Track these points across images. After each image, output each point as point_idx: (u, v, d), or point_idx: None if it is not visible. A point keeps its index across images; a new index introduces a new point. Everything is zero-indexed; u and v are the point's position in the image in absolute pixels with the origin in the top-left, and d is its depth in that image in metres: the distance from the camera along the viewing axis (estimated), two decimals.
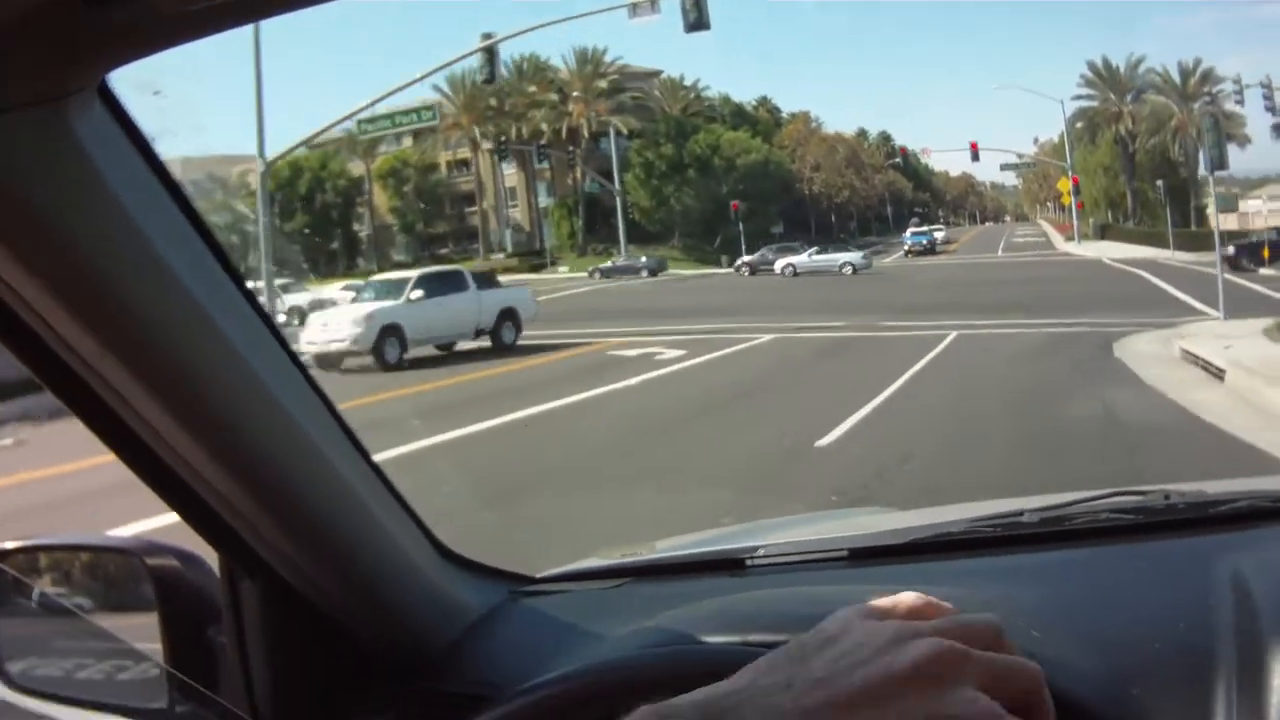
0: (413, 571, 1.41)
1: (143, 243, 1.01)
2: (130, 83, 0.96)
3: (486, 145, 59.14)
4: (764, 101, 72.31)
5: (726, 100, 68.14)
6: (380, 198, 62.05)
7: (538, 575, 1.61)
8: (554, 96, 60.69)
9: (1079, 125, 61.71)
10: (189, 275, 1.06)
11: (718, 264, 52.09)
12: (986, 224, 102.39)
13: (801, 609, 1.23)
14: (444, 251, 59.19)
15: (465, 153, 61.05)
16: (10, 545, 1.62)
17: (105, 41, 0.82)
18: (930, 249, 54.54)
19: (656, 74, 64.32)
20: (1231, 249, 29.55)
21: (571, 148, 58.96)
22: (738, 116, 66.50)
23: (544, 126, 60.00)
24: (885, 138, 78.61)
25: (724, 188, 57.06)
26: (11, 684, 1.58)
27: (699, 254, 56.09)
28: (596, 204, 58.67)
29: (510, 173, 61.96)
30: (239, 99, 47.70)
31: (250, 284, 1.17)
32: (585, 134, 59.69)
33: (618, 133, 58.56)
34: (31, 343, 1.05)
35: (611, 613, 1.47)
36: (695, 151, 57.95)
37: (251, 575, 1.35)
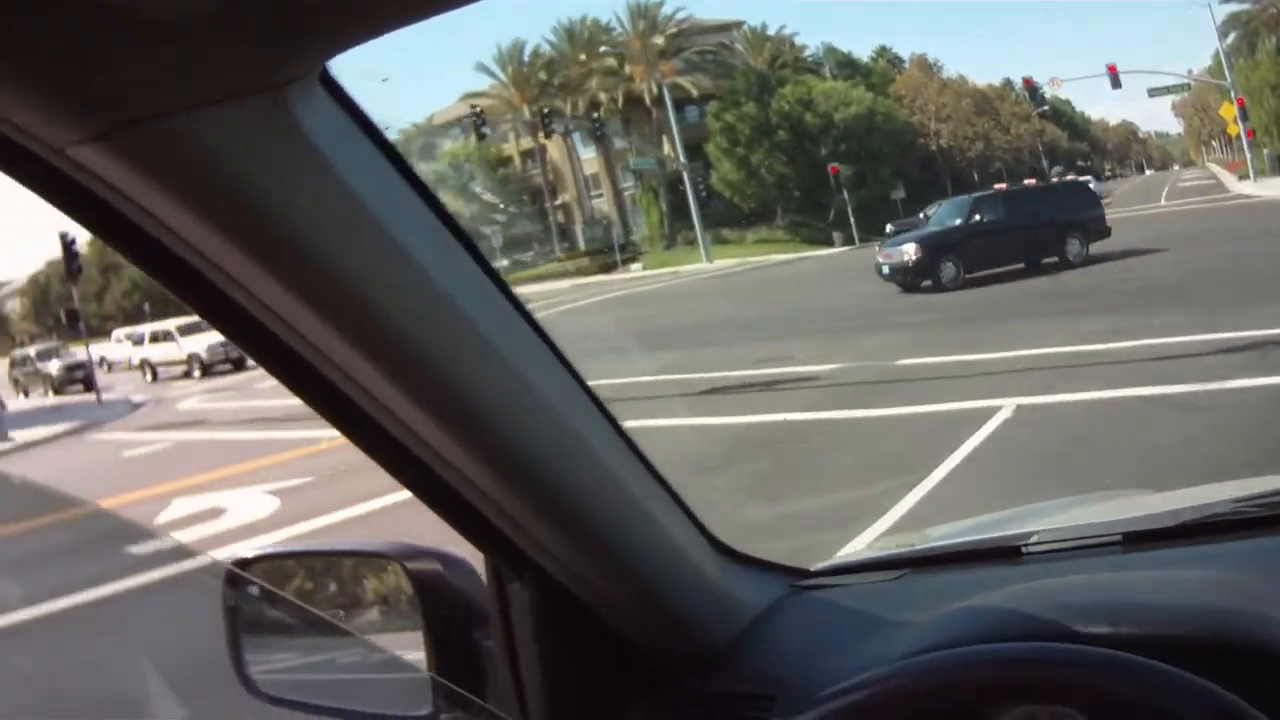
0: (689, 567, 1.41)
1: (382, 232, 1.00)
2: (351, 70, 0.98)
3: (557, 128, 53.99)
4: (883, 51, 61.97)
5: (831, 50, 58.26)
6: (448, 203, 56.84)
7: (813, 569, 1.62)
8: (611, 61, 54.68)
9: (1233, 36, 52.51)
10: (438, 264, 1.06)
11: (830, 243, 45.85)
12: (1148, 172, 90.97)
13: (1084, 599, 1.32)
14: (526, 256, 54.35)
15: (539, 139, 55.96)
16: (267, 551, 1.73)
17: (324, 26, 0.84)
18: None
19: (736, 25, 56.25)
20: None
21: (629, 120, 53.48)
22: (846, 68, 56.63)
23: (602, 96, 54.10)
24: (1032, 88, 67.43)
25: (822, 149, 48.93)
26: (257, 693, 1.57)
27: (808, 233, 48.91)
28: (684, 184, 51.43)
29: (589, 157, 54.11)
30: None
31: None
32: (647, 101, 53.37)
33: (685, 96, 52.35)
34: (275, 347, 1.07)
35: (891, 606, 1.49)
36: (782, 109, 49.73)
37: (520, 576, 1.36)
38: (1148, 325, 12.79)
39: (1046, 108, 68.67)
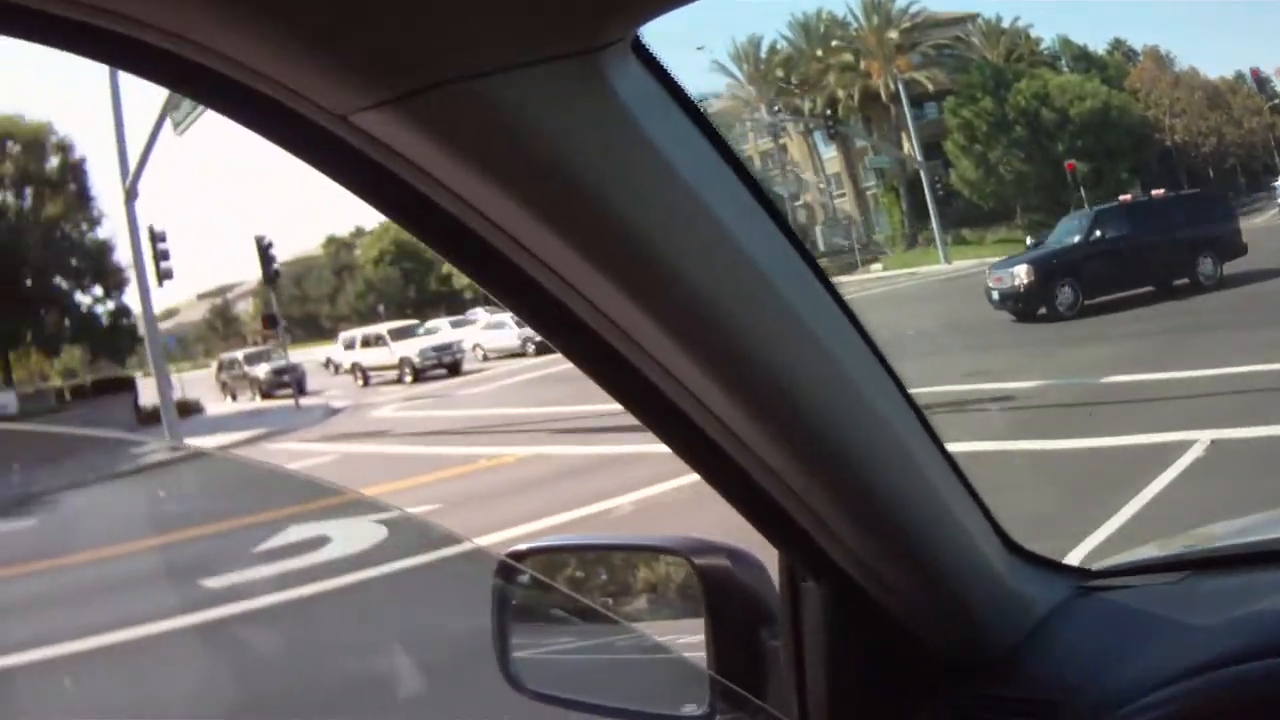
0: (983, 567, 1.37)
1: (697, 206, 0.95)
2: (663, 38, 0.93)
3: (800, 126, 54.84)
4: (1118, 44, 60.63)
5: (1067, 43, 57.41)
6: None
7: (1097, 568, 1.58)
8: (848, 57, 54.70)
9: None
10: (753, 243, 1.00)
11: None
12: None
13: None
14: None
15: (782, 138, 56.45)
16: (544, 543, 1.70)
17: None
18: None
19: (971, 17, 56.20)
20: None
21: (868, 117, 53.48)
22: (1082, 61, 55.95)
23: (840, 93, 54.21)
24: (1260, 79, 65.05)
25: (1059, 145, 48.66)
26: (520, 687, 1.56)
27: (1048, 233, 46.89)
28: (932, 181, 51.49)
29: (830, 156, 56.04)
30: None
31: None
32: (884, 97, 53.48)
33: (922, 92, 52.62)
34: (571, 327, 1.03)
35: (1177, 609, 1.44)
36: (1019, 104, 49.62)
37: (815, 575, 1.33)
38: None
39: (1278, 101, 66.19)
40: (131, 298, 34.16)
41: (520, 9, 0.79)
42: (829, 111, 52.93)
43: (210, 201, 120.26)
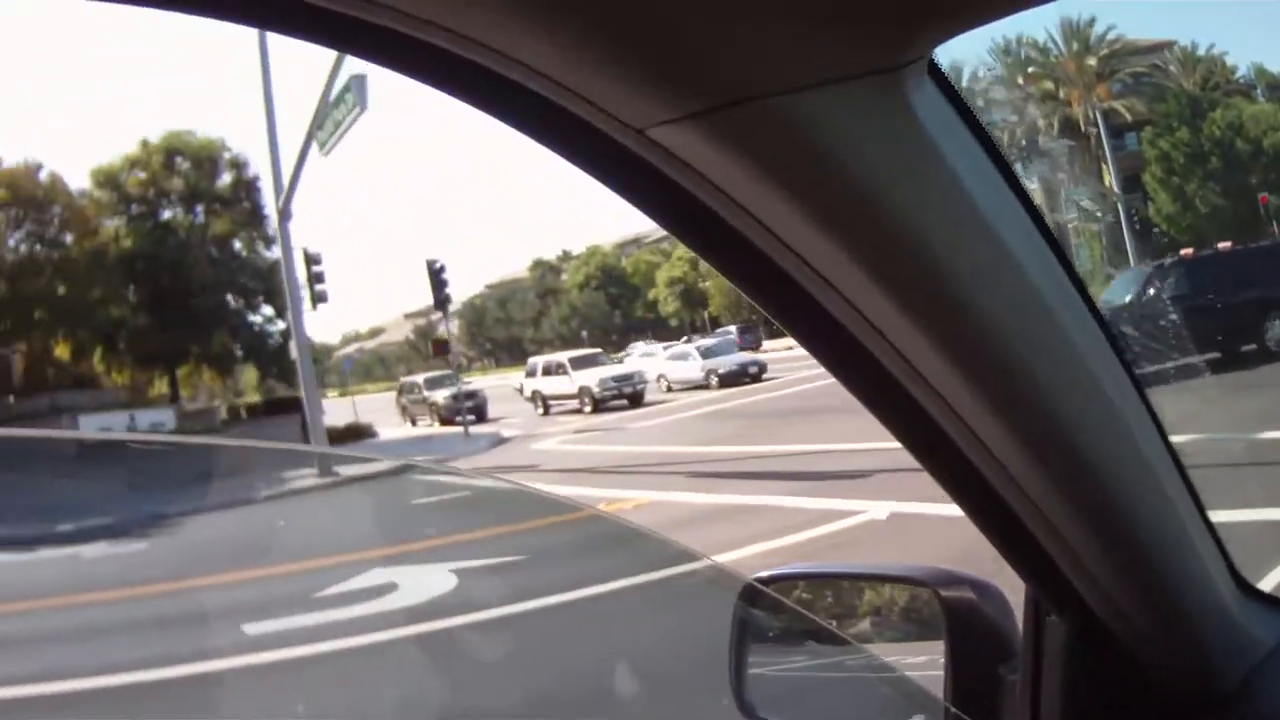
0: (1217, 602, 1.36)
1: (987, 231, 0.96)
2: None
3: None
4: None
5: (1261, 71, 58.12)
6: None
7: None
8: (1049, 85, 55.82)
9: None
10: (1035, 271, 1.02)
11: None
12: None
13: None
14: None
15: None
16: (790, 570, 1.75)
17: (943, 9, 0.82)
18: None
19: (1168, 45, 57.29)
20: None
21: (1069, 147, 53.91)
22: (1277, 90, 56.45)
23: (1040, 122, 55.25)
24: None
25: (1253, 178, 49.11)
26: (750, 714, 1.56)
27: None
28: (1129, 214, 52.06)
29: (1031, 188, 56.19)
30: None
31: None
32: (1082, 126, 54.41)
33: (1120, 122, 53.55)
34: (846, 348, 1.05)
35: None
36: (1214, 134, 50.25)
37: (1060, 610, 1.33)
38: None
39: None
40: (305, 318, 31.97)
41: (825, 27, 0.80)
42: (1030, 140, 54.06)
43: (407, 223, 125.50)
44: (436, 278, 34.04)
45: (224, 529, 11.03)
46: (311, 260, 29.66)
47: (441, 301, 35.36)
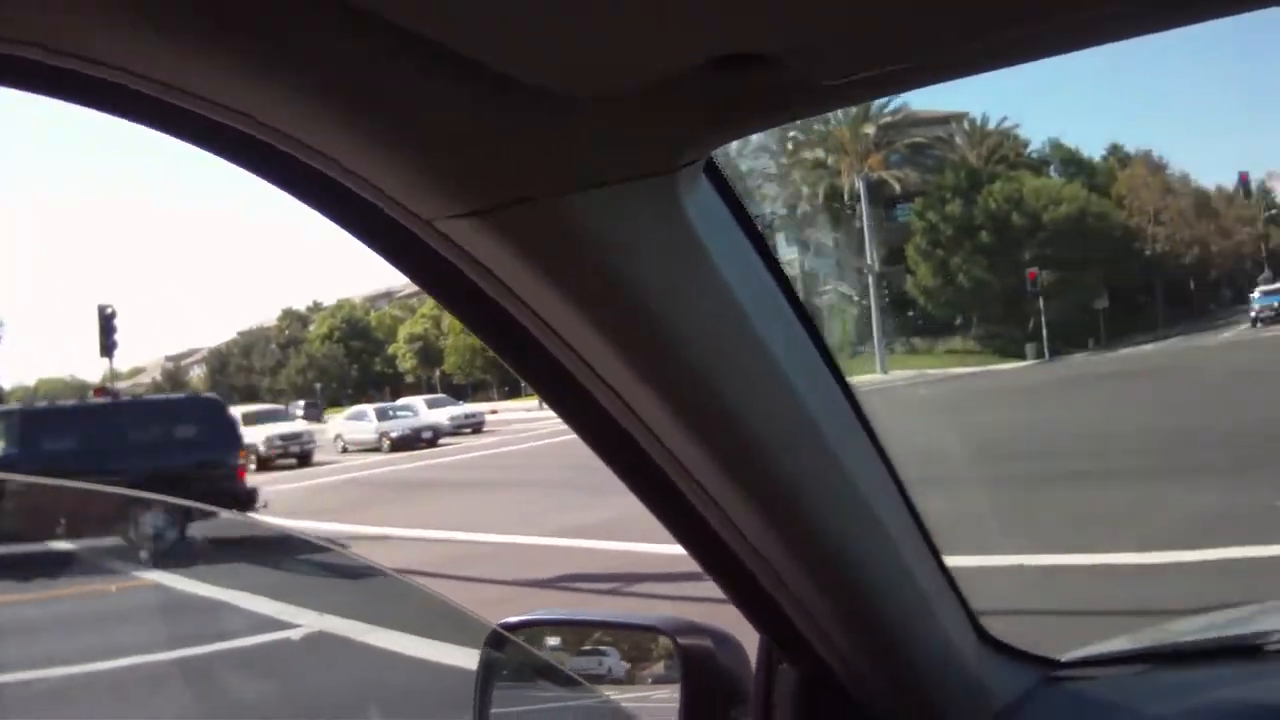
0: (952, 655, 1.41)
1: (740, 319, 1.03)
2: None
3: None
4: (1115, 150, 59.07)
5: (1058, 146, 55.99)
6: None
7: (1063, 659, 1.63)
8: (819, 153, 53.64)
9: None
10: (781, 351, 1.09)
11: (1022, 356, 44.36)
12: None
13: None
14: None
15: None
16: (535, 617, 1.79)
17: (725, 114, 0.85)
18: None
19: (958, 117, 55.59)
20: None
21: (837, 218, 51.43)
22: (1072, 165, 54.46)
23: (804, 189, 52.95)
24: (1246, 183, 63.55)
25: (1026, 252, 47.14)
26: None
27: (1000, 344, 47.23)
28: (887, 289, 49.42)
29: (790, 258, 53.55)
30: None
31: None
32: (846, 197, 51.92)
33: (891, 194, 51.26)
34: (602, 420, 1.10)
35: (1138, 701, 1.54)
36: (989, 207, 48.27)
37: (791, 658, 1.39)
38: None
39: (1275, 211, 64.21)
40: None
41: (611, 133, 0.83)
42: (789, 210, 52.21)
43: (168, 266, 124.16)
44: (106, 323, 32.18)
45: None
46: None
47: (109, 348, 32.96)
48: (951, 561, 1.42)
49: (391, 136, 0.82)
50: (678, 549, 1.30)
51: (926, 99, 59.69)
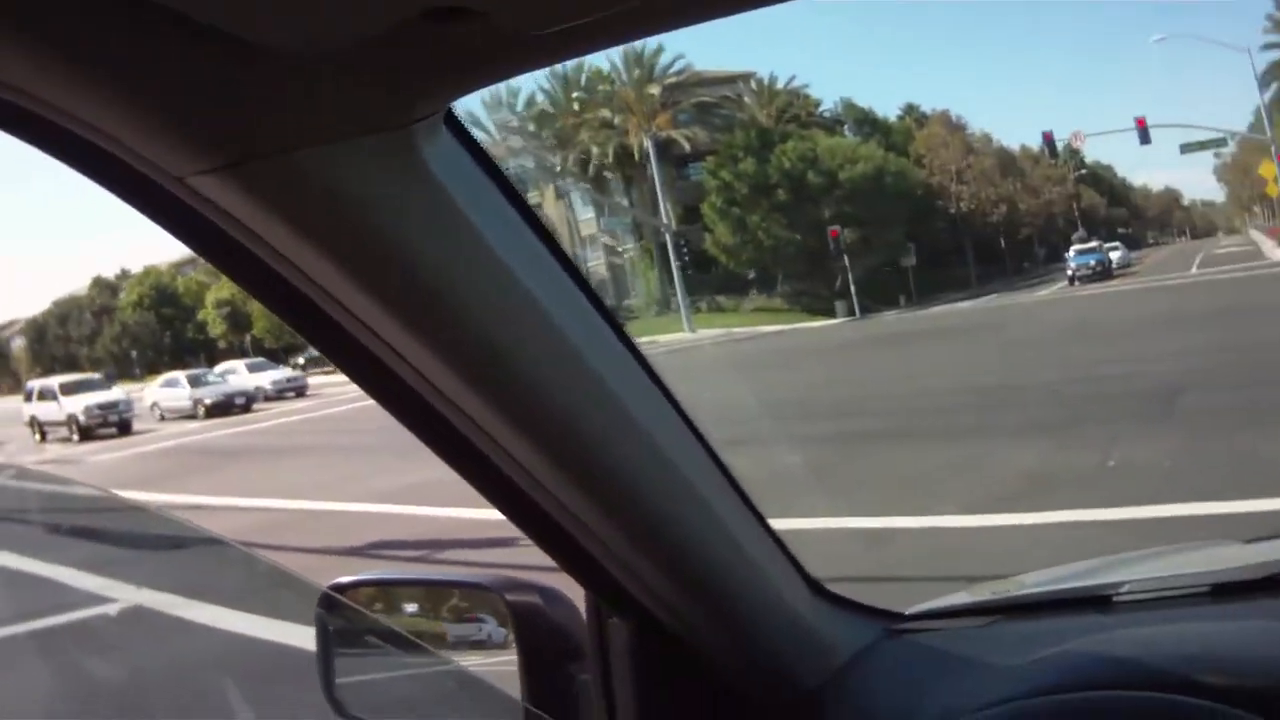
0: (785, 608, 1.44)
1: (498, 268, 1.04)
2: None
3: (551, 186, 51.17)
4: (911, 110, 58.12)
5: (850, 106, 54.53)
6: None
7: (907, 612, 1.65)
8: (605, 112, 51.80)
9: (1275, 88, 49.48)
10: (553, 300, 1.10)
11: (833, 314, 43.32)
12: (1183, 240, 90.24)
13: (1173, 649, 1.38)
14: None
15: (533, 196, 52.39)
16: (364, 578, 1.75)
17: (455, 68, 0.87)
18: (1104, 272, 42.97)
19: (745, 77, 53.32)
20: None
21: (630, 178, 50.51)
22: (866, 125, 52.80)
23: (594, 149, 51.19)
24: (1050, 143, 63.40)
25: (825, 211, 45.60)
26: (344, 714, 1.64)
27: (809, 302, 46.23)
28: (686, 247, 47.62)
29: (587, 218, 50.63)
30: None
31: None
32: (637, 157, 50.53)
33: (682, 152, 49.66)
34: (386, 379, 1.11)
35: (983, 652, 1.54)
36: (783, 165, 46.70)
37: (620, 612, 1.39)
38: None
39: (1084, 171, 64.98)
40: None
41: (339, 85, 0.84)
42: (582, 170, 50.37)
43: None
44: None
45: None
46: None
47: None
48: (777, 524, 1.40)
49: (129, 92, 0.82)
50: (490, 513, 1.28)
51: (714, 59, 58.30)
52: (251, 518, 12.90)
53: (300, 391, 38.77)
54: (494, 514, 1.27)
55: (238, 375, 39.60)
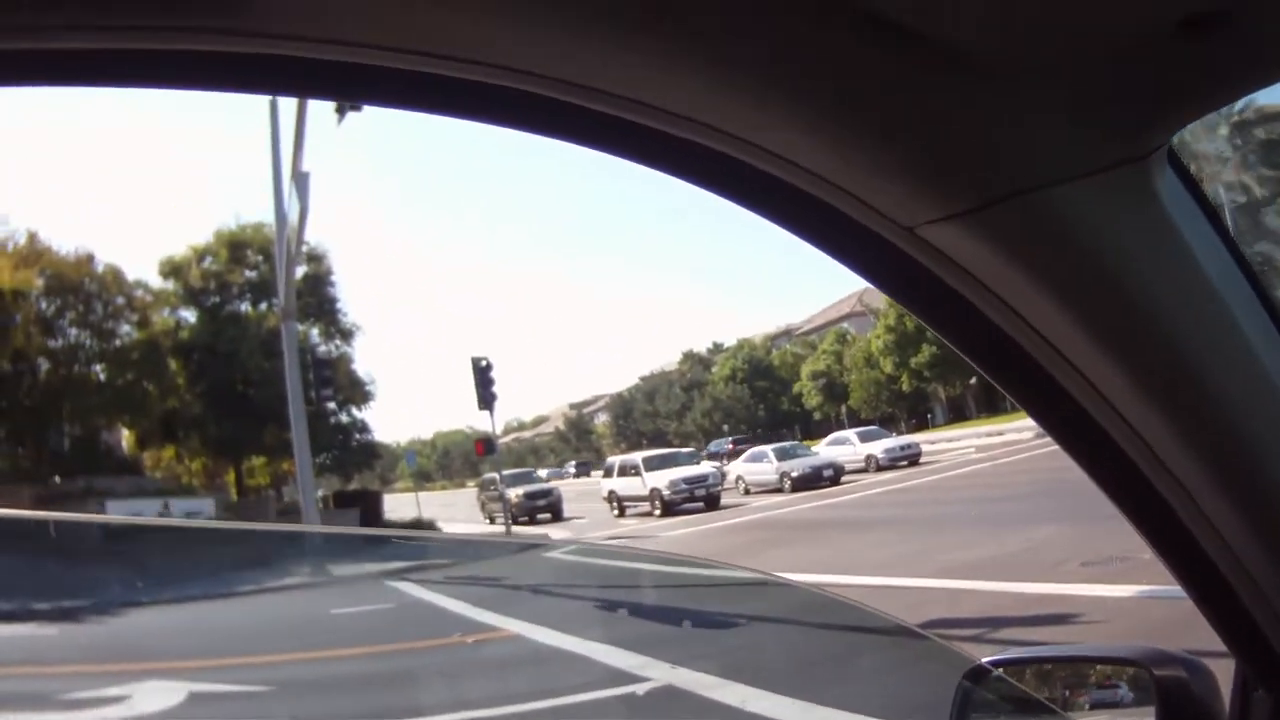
0: None
1: (1210, 301, 1.00)
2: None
3: None
4: None
5: None
6: None
7: None
8: None
9: None
10: (1262, 349, 1.05)
11: None
12: None
13: None
14: None
15: None
16: (1010, 656, 1.81)
17: (1188, 88, 0.86)
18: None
19: None
20: None
21: None
22: None
23: None
24: None
25: None
26: None
27: None
28: None
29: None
30: None
31: None
32: None
33: None
34: (1086, 430, 1.11)
35: None
36: None
37: (1268, 686, 1.34)
38: None
39: None
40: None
41: (1079, 122, 0.84)
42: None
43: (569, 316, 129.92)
44: (483, 376, 32.74)
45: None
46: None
47: (488, 400, 33.09)
48: None
49: (873, 144, 0.85)
50: (1034, 587, 2.18)
51: None
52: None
53: (914, 460, 36.50)
54: (1038, 588, 3.06)
55: (849, 445, 38.04)
